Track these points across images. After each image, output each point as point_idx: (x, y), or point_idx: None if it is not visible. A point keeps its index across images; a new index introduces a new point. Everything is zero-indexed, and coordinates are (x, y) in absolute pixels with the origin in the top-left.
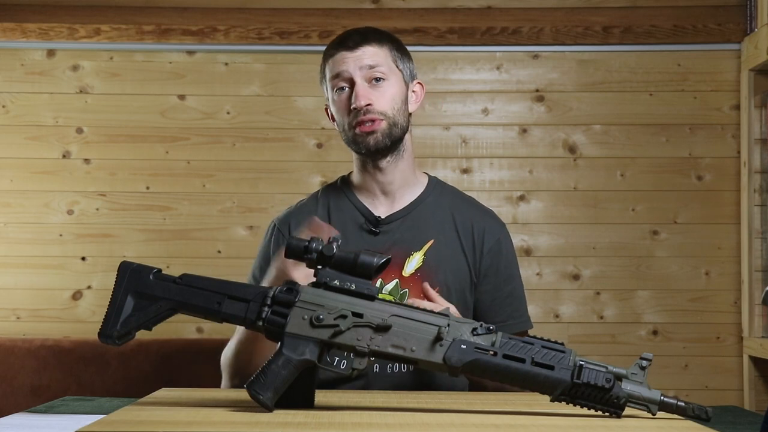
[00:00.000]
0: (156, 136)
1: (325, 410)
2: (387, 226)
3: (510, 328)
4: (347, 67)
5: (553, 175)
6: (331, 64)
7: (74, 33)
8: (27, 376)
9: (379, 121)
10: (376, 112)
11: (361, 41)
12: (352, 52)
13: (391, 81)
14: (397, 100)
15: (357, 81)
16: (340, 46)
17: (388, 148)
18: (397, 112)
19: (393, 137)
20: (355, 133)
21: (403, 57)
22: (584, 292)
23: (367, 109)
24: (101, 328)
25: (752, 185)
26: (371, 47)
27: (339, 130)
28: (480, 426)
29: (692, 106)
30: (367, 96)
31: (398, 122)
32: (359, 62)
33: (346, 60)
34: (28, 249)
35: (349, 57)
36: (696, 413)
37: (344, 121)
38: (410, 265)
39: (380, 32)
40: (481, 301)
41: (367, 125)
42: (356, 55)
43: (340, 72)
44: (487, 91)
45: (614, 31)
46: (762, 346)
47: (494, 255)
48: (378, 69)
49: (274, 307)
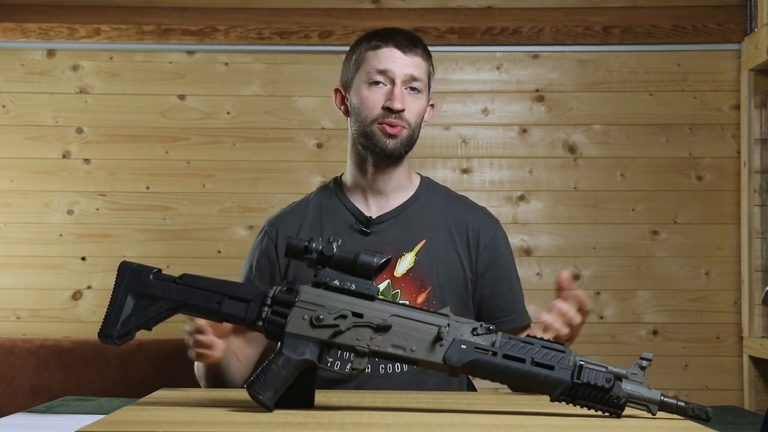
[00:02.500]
0: (156, 136)
1: (325, 410)
2: (378, 226)
3: (513, 322)
4: (395, 67)
5: (553, 175)
6: (376, 55)
7: (74, 33)
8: (27, 376)
9: (402, 128)
10: (405, 120)
11: (414, 46)
12: (404, 54)
13: (422, 95)
14: (421, 113)
15: (398, 83)
16: (391, 41)
17: (402, 156)
18: (416, 127)
19: (407, 148)
20: (377, 130)
21: (434, 76)
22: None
23: (400, 115)
24: (101, 328)
25: (752, 185)
26: (420, 58)
27: (353, 119)
28: (480, 426)
29: (692, 106)
30: (404, 101)
31: (415, 136)
32: (407, 68)
33: (396, 59)
34: (28, 249)
35: (399, 58)
36: (696, 413)
37: (369, 114)
38: (402, 266)
39: (425, 45)
40: (482, 298)
41: (392, 127)
42: (407, 59)
43: (386, 68)
44: (487, 91)
45: (614, 31)
46: (762, 346)
47: (492, 251)
48: (419, 81)
49: (274, 307)
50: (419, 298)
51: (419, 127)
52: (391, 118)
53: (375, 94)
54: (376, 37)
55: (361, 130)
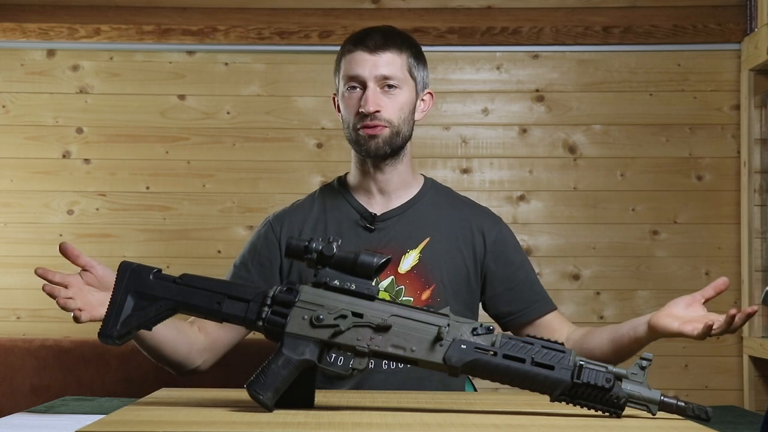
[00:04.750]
0: (156, 136)
1: (325, 410)
2: (383, 223)
3: (537, 310)
4: (362, 71)
5: (553, 175)
6: (347, 61)
7: (74, 33)
8: (27, 376)
9: (382, 127)
10: (383, 119)
11: (382, 45)
12: (370, 55)
13: (403, 90)
14: (405, 109)
15: (369, 85)
16: (359, 44)
17: (388, 154)
18: (402, 121)
19: (394, 146)
20: (359, 134)
21: (419, 65)
22: (584, 292)
23: (375, 116)
24: (101, 328)
25: (752, 185)
26: (390, 53)
27: (343, 125)
28: (480, 426)
29: (692, 106)
30: (376, 102)
31: (401, 131)
32: (375, 69)
33: (363, 62)
34: (28, 249)
35: (367, 59)
36: (696, 413)
37: (350, 120)
38: (406, 263)
39: (402, 36)
40: (499, 294)
41: (370, 129)
42: (374, 59)
43: (354, 74)
44: (487, 91)
45: (614, 31)
46: (762, 346)
47: (500, 246)
48: (393, 78)
49: (274, 307)
50: (423, 294)
51: (407, 120)
52: (366, 121)
53: (351, 100)
54: (349, 41)
55: (349, 137)
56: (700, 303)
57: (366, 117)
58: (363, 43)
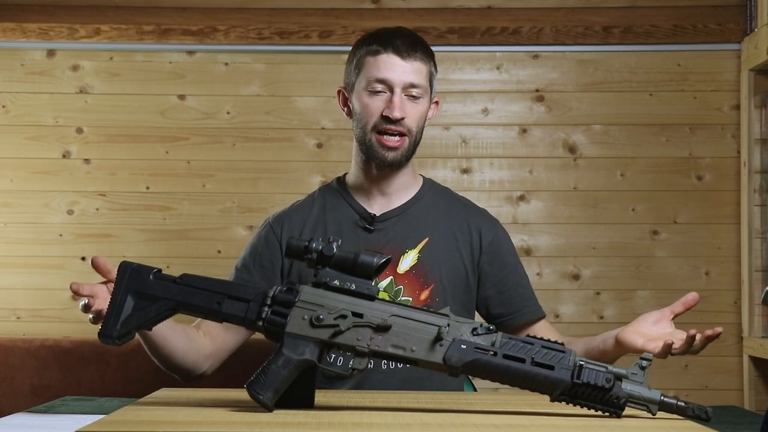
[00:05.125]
0: (156, 136)
1: (325, 410)
2: (382, 223)
3: (526, 315)
4: (393, 75)
5: (553, 175)
6: (375, 62)
7: (74, 33)
8: (27, 376)
9: (404, 138)
10: (406, 126)
11: (413, 51)
12: (402, 60)
13: (424, 99)
14: (423, 117)
15: (396, 91)
16: (390, 47)
17: (403, 164)
18: (419, 130)
19: (409, 155)
20: (376, 140)
21: (435, 76)
22: (584, 292)
23: (399, 122)
24: (101, 328)
25: (752, 185)
26: (419, 62)
27: (355, 124)
28: (480, 426)
29: (692, 106)
30: (403, 109)
31: (417, 140)
32: (406, 76)
33: (394, 67)
34: (28, 249)
35: (398, 65)
36: (696, 413)
37: (369, 121)
38: (405, 263)
39: (425, 44)
40: (491, 296)
41: (393, 140)
42: (405, 65)
43: (383, 77)
44: (487, 91)
45: (614, 31)
46: (762, 346)
47: (495, 248)
48: (418, 87)
49: (274, 307)
50: (422, 295)
51: (421, 130)
52: (390, 125)
53: (375, 102)
54: (376, 40)
55: (361, 138)
56: (669, 319)
57: (390, 122)
58: (393, 46)
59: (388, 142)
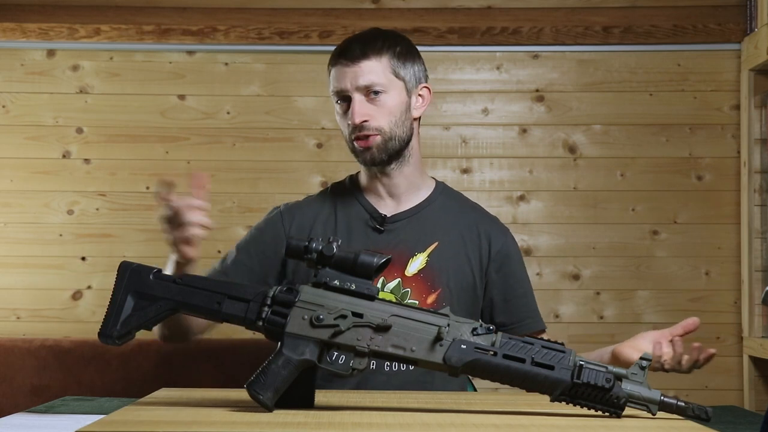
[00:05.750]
0: (156, 136)
1: (325, 410)
2: (392, 225)
3: (527, 327)
4: (344, 84)
5: (553, 175)
6: (332, 76)
7: (74, 33)
8: (27, 376)
9: (373, 136)
10: (372, 128)
11: (360, 54)
12: (350, 67)
13: (390, 93)
14: (396, 111)
15: (354, 97)
16: (341, 56)
17: (386, 161)
18: (395, 125)
19: (390, 151)
20: (354, 146)
21: (407, 63)
22: (584, 292)
23: (363, 126)
24: (101, 328)
25: (752, 185)
26: (369, 61)
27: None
28: (480, 426)
29: (692, 106)
30: (362, 113)
31: (396, 135)
32: (356, 80)
33: (344, 75)
34: (28, 249)
35: (347, 72)
36: (696, 413)
37: (345, 132)
38: (413, 266)
39: (382, 39)
40: (494, 303)
41: (362, 141)
42: (353, 70)
43: (338, 88)
44: (487, 91)
45: (614, 31)
46: (762, 346)
47: (503, 257)
48: (375, 86)
49: (274, 307)
50: (429, 298)
51: (401, 122)
52: (356, 132)
53: (342, 113)
54: (334, 53)
55: (349, 147)
56: (667, 339)
57: (356, 129)
58: (343, 55)
59: (359, 143)
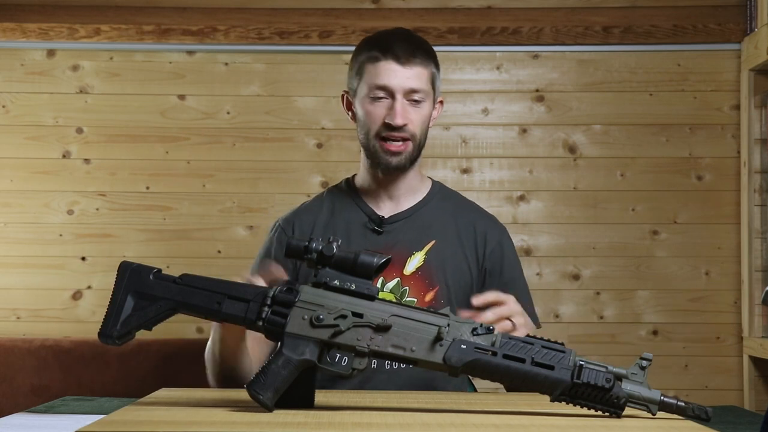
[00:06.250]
0: (156, 136)
1: (325, 410)
2: (390, 225)
3: None
4: (393, 82)
5: (553, 175)
6: (375, 69)
7: (74, 33)
8: (27, 376)
9: (408, 143)
10: (409, 132)
11: (412, 57)
12: (401, 66)
13: (426, 102)
14: (427, 121)
15: (398, 98)
16: (389, 53)
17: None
18: (422, 134)
19: (413, 158)
20: (380, 146)
21: (438, 76)
22: (584, 292)
23: (402, 129)
24: (101, 328)
25: (752, 185)
26: (419, 67)
27: (359, 130)
28: (480, 426)
29: (692, 106)
30: (405, 116)
31: (421, 144)
32: (406, 82)
33: (394, 73)
34: (28, 249)
35: (397, 71)
36: (696, 413)
37: (372, 128)
38: (411, 264)
39: (426, 47)
40: None
41: (396, 144)
42: (405, 71)
43: (383, 84)
44: (487, 91)
45: (614, 31)
46: (762, 346)
47: (497, 257)
48: (420, 92)
49: (274, 307)
50: (427, 296)
51: (425, 133)
52: (393, 132)
53: (377, 109)
54: (375, 46)
55: (365, 144)
56: None
57: (392, 129)
58: (392, 52)
59: (391, 147)
